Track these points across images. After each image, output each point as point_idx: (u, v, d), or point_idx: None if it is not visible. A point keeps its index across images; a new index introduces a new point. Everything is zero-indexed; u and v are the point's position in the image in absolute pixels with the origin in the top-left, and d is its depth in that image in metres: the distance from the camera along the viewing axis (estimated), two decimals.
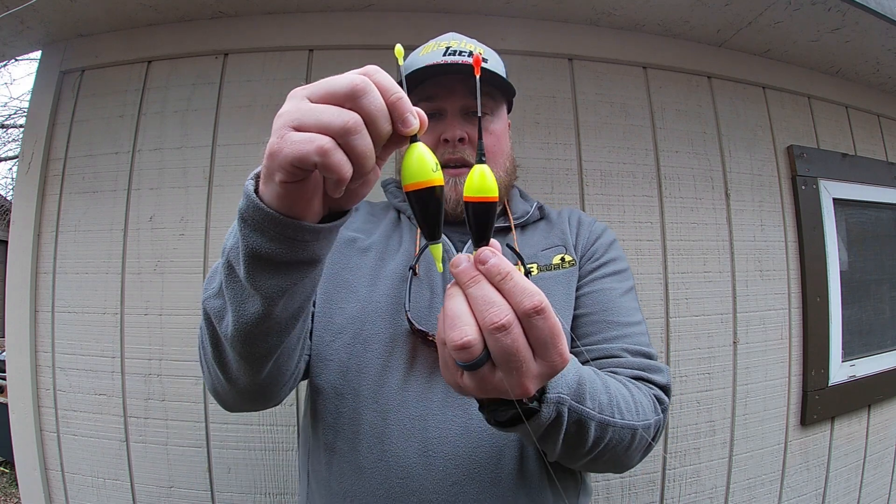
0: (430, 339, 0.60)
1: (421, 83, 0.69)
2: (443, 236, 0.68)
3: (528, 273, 0.65)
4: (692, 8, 1.18)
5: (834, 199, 1.44)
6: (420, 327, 0.60)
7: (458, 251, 0.67)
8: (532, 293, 0.33)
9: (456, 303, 0.34)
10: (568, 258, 0.69)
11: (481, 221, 0.35)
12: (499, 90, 0.71)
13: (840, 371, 1.39)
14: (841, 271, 1.42)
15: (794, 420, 1.33)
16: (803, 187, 1.38)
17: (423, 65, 0.68)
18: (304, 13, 1.19)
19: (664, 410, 0.59)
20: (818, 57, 1.40)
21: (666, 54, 1.30)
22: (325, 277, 0.67)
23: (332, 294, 0.66)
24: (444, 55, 0.68)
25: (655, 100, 1.29)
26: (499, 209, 0.74)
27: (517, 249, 0.67)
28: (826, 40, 1.31)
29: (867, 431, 1.46)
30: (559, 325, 0.34)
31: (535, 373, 0.34)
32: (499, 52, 0.77)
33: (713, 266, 1.27)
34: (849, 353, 1.43)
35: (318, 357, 0.64)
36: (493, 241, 0.36)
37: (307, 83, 1.24)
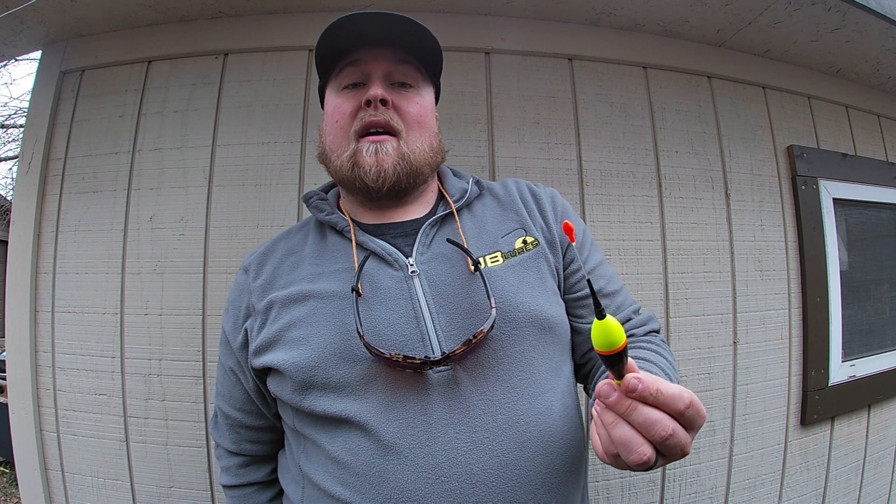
0: (398, 360, 0.54)
1: (350, 49, 0.66)
2: (386, 246, 0.64)
3: (476, 265, 0.61)
4: (692, 8, 1.18)
5: (834, 199, 1.44)
6: (383, 352, 0.54)
7: (406, 256, 0.63)
8: (680, 395, 0.41)
9: (622, 430, 0.41)
10: (529, 239, 0.67)
11: (618, 363, 0.41)
12: (425, 66, 0.69)
13: (840, 371, 1.39)
14: (841, 271, 1.42)
15: (794, 420, 1.33)
16: (803, 187, 1.38)
17: (347, 14, 0.62)
18: (304, 13, 1.19)
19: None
20: (818, 57, 1.40)
21: (666, 54, 1.30)
22: (275, 348, 0.62)
23: (285, 359, 0.60)
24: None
25: (655, 100, 1.29)
26: (427, 184, 0.71)
27: (465, 246, 0.64)
28: (826, 40, 1.31)
29: (867, 431, 1.46)
30: (697, 398, 0.42)
31: (690, 440, 0.42)
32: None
33: (713, 266, 1.27)
34: (849, 353, 1.43)
35: (302, 411, 0.61)
36: (630, 361, 0.42)
37: (307, 83, 1.23)
